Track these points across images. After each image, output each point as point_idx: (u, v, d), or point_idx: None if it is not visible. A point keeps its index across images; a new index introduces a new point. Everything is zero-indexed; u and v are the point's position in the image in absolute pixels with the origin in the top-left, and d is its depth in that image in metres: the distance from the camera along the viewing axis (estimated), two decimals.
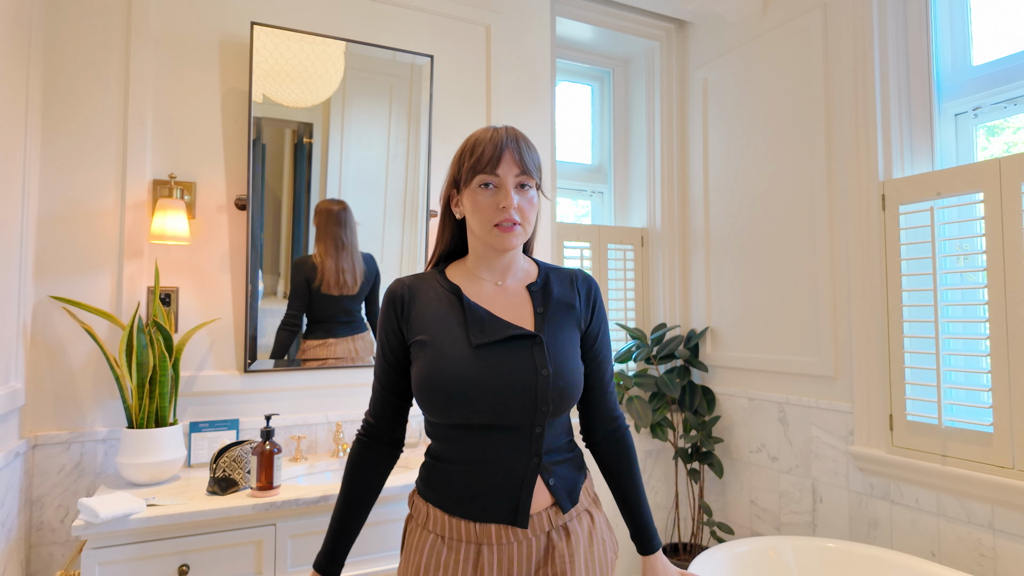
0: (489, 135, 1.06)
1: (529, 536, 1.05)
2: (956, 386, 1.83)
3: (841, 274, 2.21)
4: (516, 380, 1.03)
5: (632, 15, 2.83)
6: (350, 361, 2.12)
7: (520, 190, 1.07)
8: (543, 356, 1.05)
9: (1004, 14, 1.92)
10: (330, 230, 2.08)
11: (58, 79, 1.83)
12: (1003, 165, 1.74)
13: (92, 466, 1.82)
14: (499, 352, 1.04)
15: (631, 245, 2.98)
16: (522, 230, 1.07)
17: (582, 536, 1.09)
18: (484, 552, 1.04)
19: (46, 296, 1.80)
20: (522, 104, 2.52)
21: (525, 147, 1.07)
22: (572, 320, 1.12)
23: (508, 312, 1.10)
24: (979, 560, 1.81)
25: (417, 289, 1.13)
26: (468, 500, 1.05)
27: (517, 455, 1.05)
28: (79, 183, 1.84)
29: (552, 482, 1.07)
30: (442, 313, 1.09)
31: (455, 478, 1.06)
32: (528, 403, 1.03)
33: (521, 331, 1.06)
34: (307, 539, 1.64)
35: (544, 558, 1.06)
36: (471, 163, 1.06)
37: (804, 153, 2.35)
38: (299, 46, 2.05)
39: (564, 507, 1.08)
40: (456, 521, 1.05)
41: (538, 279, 1.15)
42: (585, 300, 1.15)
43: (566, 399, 1.06)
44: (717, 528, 2.58)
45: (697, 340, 2.79)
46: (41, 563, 1.76)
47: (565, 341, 1.09)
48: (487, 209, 1.05)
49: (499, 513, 1.04)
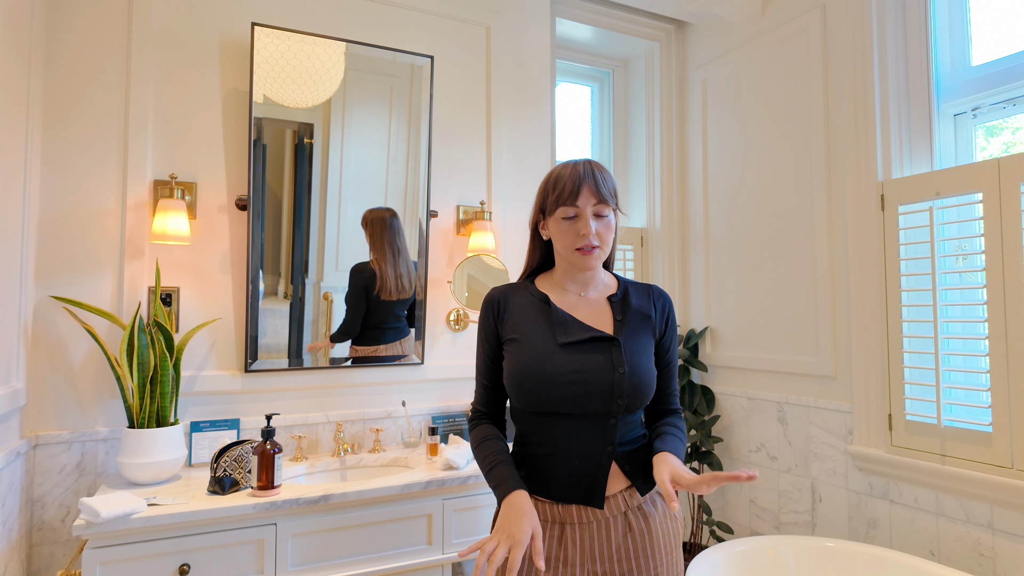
0: (569, 171, 1.20)
1: (607, 516, 1.18)
2: (955, 386, 1.84)
3: (840, 274, 2.22)
4: (596, 375, 1.16)
5: (632, 16, 2.83)
6: (396, 357, 2.21)
7: (598, 218, 1.20)
8: (620, 356, 1.18)
9: (1003, 14, 1.92)
10: (386, 236, 2.16)
11: (59, 80, 1.84)
12: (1002, 165, 1.74)
13: (93, 466, 1.82)
14: (582, 350, 1.18)
15: (631, 245, 2.99)
16: (601, 252, 1.21)
17: (656, 516, 1.22)
18: (567, 530, 1.18)
19: (47, 296, 1.80)
20: (522, 105, 2.52)
21: (601, 179, 1.20)
22: (648, 328, 1.26)
23: (591, 319, 1.24)
24: (978, 560, 1.81)
25: (511, 296, 1.28)
26: (549, 482, 1.19)
27: (594, 443, 1.18)
28: (80, 183, 1.85)
29: (628, 468, 1.20)
30: (532, 316, 1.24)
31: (538, 462, 1.21)
32: (605, 396, 1.16)
33: (602, 334, 1.20)
34: (308, 538, 1.64)
35: (624, 536, 1.18)
36: (554, 196, 1.20)
37: (803, 153, 2.36)
38: (299, 47, 2.05)
39: (641, 489, 1.20)
40: (541, 502, 1.20)
41: (618, 291, 1.29)
42: (661, 313, 1.29)
43: (639, 394, 1.18)
44: (716, 527, 2.58)
45: (697, 340, 2.79)
46: (42, 562, 1.76)
47: (641, 346, 1.22)
48: (569, 235, 1.20)
49: (578, 494, 1.17)
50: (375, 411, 2.19)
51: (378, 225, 2.14)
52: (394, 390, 2.23)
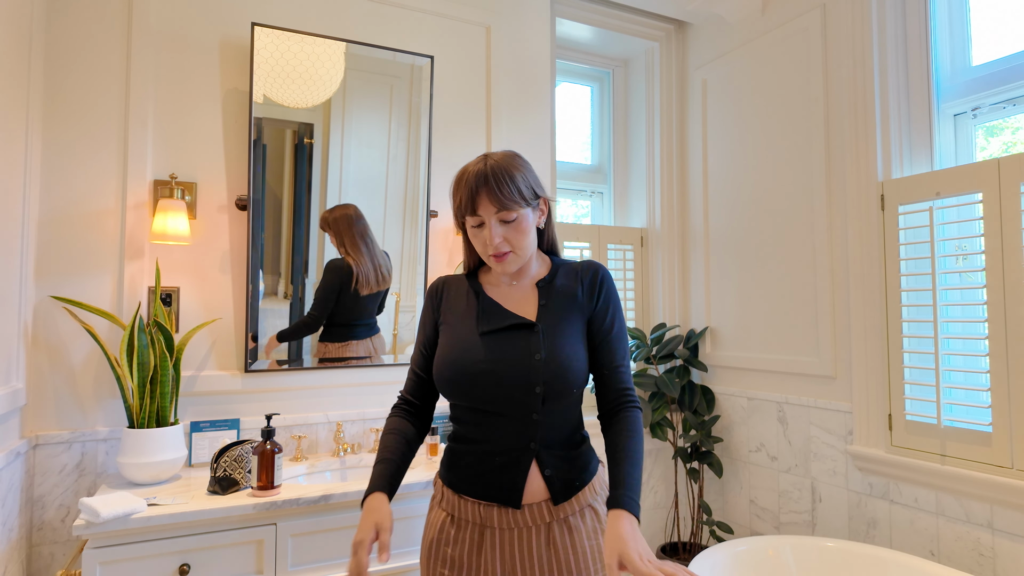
0: (464, 179, 1.13)
1: (529, 524, 1.12)
2: (955, 386, 1.84)
3: (840, 274, 2.22)
4: (513, 363, 1.12)
5: (632, 16, 2.83)
6: (369, 360, 2.15)
7: (505, 223, 1.13)
8: (538, 342, 1.14)
9: (1003, 14, 1.92)
10: (355, 230, 2.12)
11: (59, 80, 1.83)
12: (1002, 165, 1.74)
13: (93, 466, 1.82)
14: (500, 339, 1.15)
15: (631, 245, 2.99)
16: (515, 256, 1.16)
17: (584, 530, 1.14)
18: (487, 535, 1.13)
19: (47, 296, 1.80)
20: (522, 104, 2.52)
21: (497, 184, 1.10)
22: (575, 309, 1.19)
23: (517, 306, 1.20)
24: (978, 559, 1.81)
25: (451, 284, 1.28)
26: (474, 479, 1.15)
27: (517, 439, 1.13)
28: (80, 183, 1.85)
29: (548, 473, 1.13)
30: (463, 306, 1.23)
31: (466, 458, 1.17)
32: (522, 384, 1.11)
33: (521, 320, 1.16)
34: (308, 539, 1.64)
35: (546, 547, 1.12)
36: (456, 207, 1.16)
37: (803, 153, 2.36)
38: (300, 47, 2.05)
39: (556, 499, 1.13)
40: (464, 501, 1.16)
41: (548, 275, 1.24)
42: (589, 287, 1.21)
43: (559, 381, 1.12)
44: (716, 527, 2.58)
45: (696, 340, 2.79)
46: (42, 563, 1.76)
47: (566, 329, 1.17)
48: (478, 243, 1.16)
49: (499, 492, 1.12)
50: (375, 411, 2.19)
51: (343, 223, 2.10)
52: (394, 390, 2.23)
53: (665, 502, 2.86)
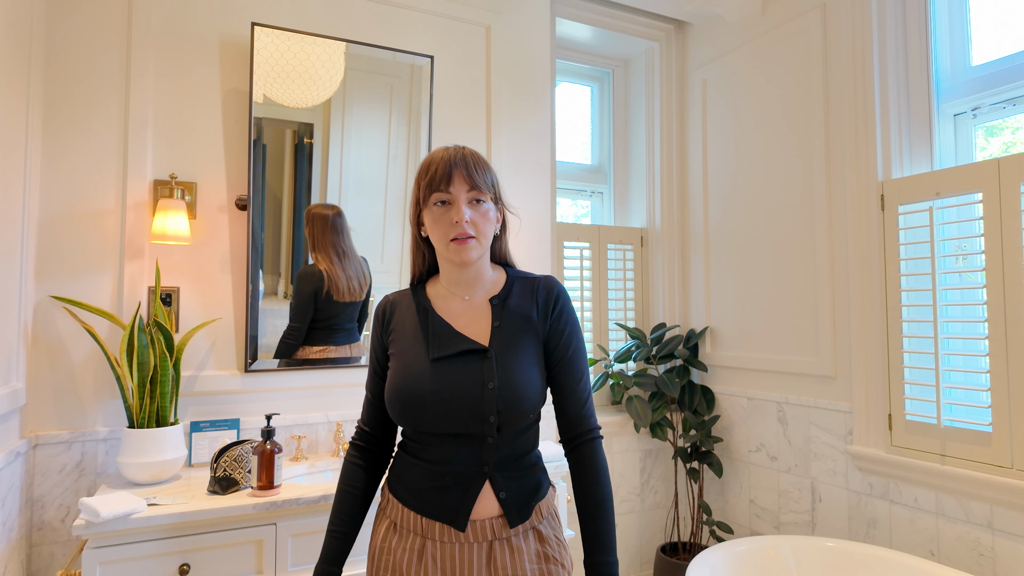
0: (440, 155, 1.13)
1: (471, 540, 1.09)
2: (955, 386, 1.84)
3: (840, 274, 2.22)
4: (465, 392, 1.08)
5: (632, 16, 2.83)
6: (349, 359, 2.12)
7: (474, 205, 1.12)
8: (491, 369, 1.09)
9: (1003, 14, 1.92)
10: (328, 238, 2.07)
11: (59, 79, 1.83)
12: (1002, 165, 1.75)
13: (93, 466, 1.82)
14: (454, 365, 1.10)
15: (631, 245, 2.99)
16: (477, 243, 1.12)
17: (527, 551, 1.11)
18: (428, 546, 1.10)
19: (47, 296, 1.80)
20: (522, 104, 2.52)
21: (474, 165, 1.12)
22: (528, 331, 1.15)
23: (469, 326, 1.15)
24: (978, 559, 1.81)
25: (397, 305, 1.21)
26: (419, 494, 1.11)
27: (469, 462, 1.10)
28: (80, 183, 1.85)
29: (503, 495, 1.10)
30: (412, 328, 1.17)
31: (413, 472, 1.13)
32: (476, 414, 1.08)
33: (474, 345, 1.11)
34: (308, 538, 1.64)
35: (486, 565, 1.09)
36: (426, 181, 1.12)
37: (803, 153, 2.36)
38: (299, 47, 2.05)
39: (512, 521, 1.10)
40: (407, 512, 1.12)
41: (502, 291, 1.18)
42: (544, 309, 1.17)
43: (514, 410, 1.09)
44: (716, 527, 2.58)
45: (696, 340, 2.79)
46: (42, 563, 1.76)
47: (519, 353, 1.12)
48: (443, 224, 1.11)
49: (443, 512, 1.09)
50: None
51: (318, 224, 2.05)
52: None
53: (665, 502, 2.86)
